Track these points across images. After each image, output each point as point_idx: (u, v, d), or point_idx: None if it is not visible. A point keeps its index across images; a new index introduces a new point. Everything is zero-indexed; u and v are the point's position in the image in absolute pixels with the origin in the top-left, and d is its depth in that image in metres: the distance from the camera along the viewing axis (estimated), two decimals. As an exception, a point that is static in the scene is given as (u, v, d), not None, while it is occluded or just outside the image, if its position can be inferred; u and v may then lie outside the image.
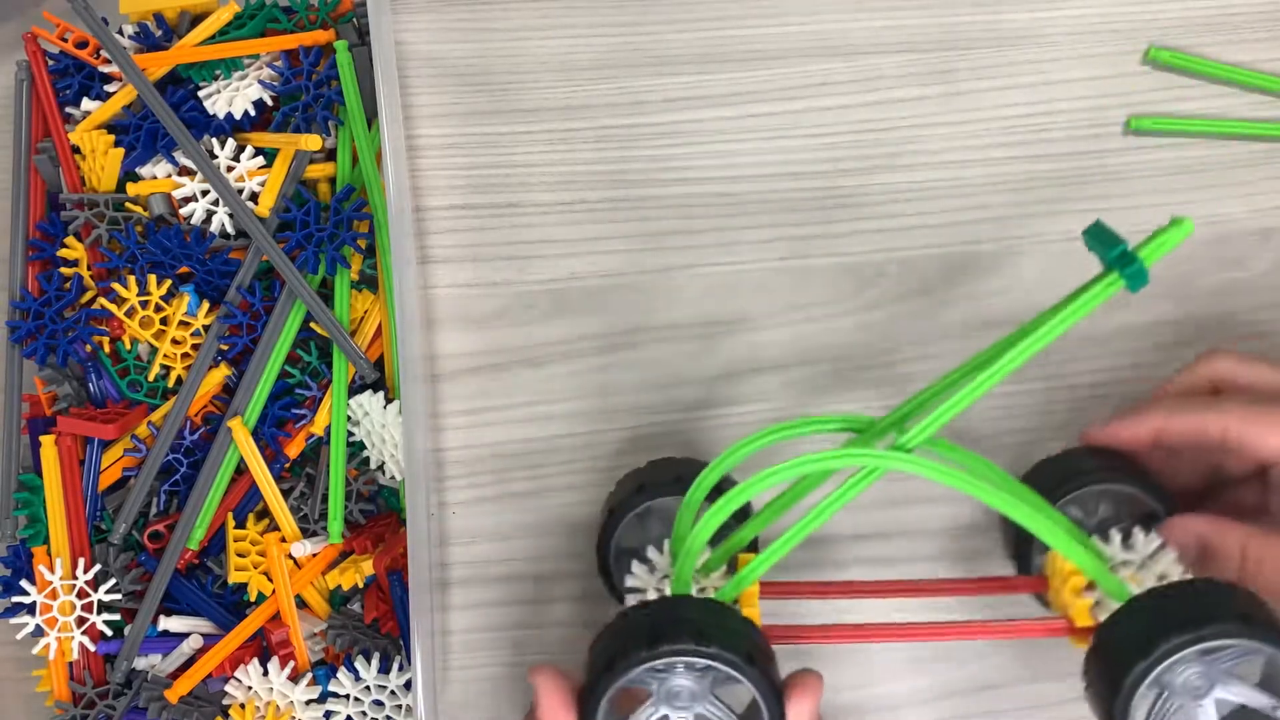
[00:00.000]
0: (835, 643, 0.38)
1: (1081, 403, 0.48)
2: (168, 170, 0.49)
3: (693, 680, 0.34)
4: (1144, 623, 0.33)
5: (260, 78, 0.49)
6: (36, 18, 0.50)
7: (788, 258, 0.50)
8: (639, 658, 0.33)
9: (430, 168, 0.51)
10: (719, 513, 0.36)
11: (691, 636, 0.33)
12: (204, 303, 0.48)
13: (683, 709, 0.35)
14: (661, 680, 0.34)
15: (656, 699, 0.35)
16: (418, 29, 0.52)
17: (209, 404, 0.48)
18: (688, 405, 0.49)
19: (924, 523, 0.48)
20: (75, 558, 0.46)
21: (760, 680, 0.33)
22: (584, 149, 0.51)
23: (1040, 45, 0.51)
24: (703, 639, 0.33)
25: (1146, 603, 0.34)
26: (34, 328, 0.47)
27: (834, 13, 0.52)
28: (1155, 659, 0.32)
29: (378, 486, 0.48)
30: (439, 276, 0.50)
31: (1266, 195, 0.50)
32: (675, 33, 0.52)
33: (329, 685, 0.45)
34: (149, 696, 0.45)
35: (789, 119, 0.51)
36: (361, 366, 0.47)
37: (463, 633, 0.48)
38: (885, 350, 0.49)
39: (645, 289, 0.50)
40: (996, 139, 0.51)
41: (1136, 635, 0.33)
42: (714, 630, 0.34)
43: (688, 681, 0.34)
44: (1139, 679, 0.32)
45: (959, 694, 0.47)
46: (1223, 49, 0.51)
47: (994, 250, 0.50)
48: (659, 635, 0.33)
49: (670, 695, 0.34)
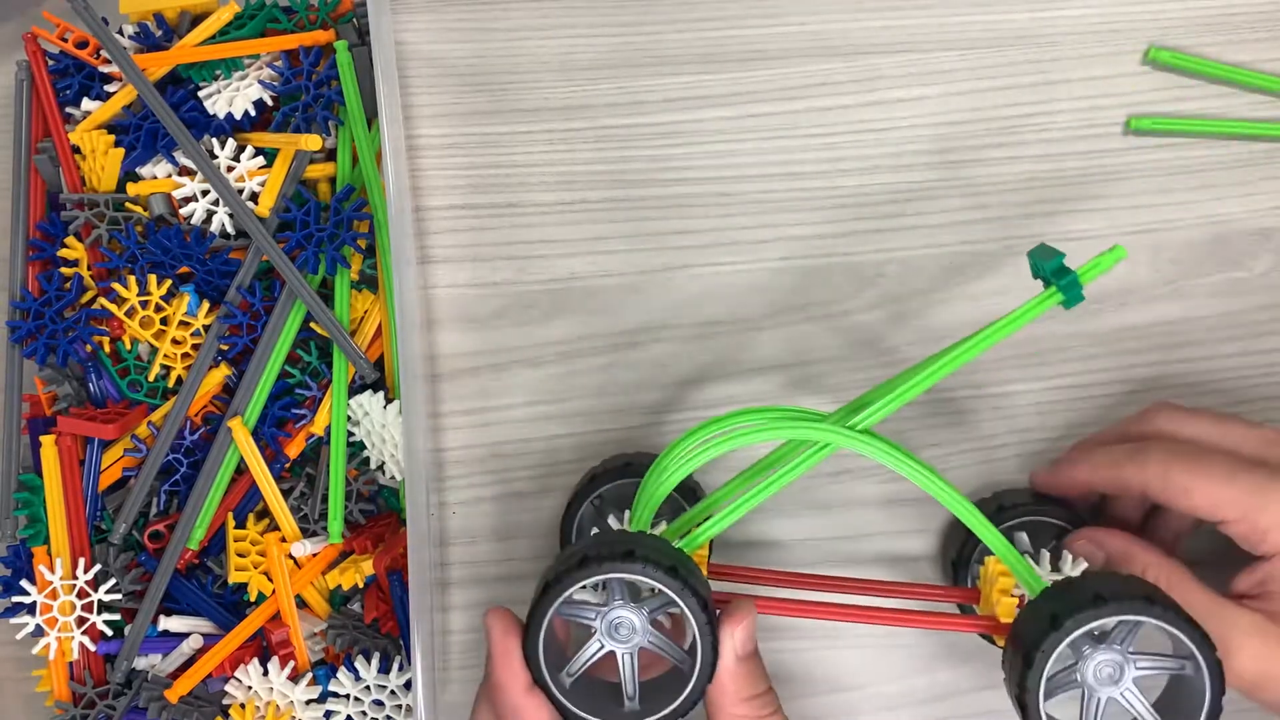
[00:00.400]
0: (777, 613, 0.39)
1: (1082, 402, 0.48)
2: (168, 170, 0.49)
3: (633, 612, 0.36)
4: (1053, 604, 0.36)
5: (260, 78, 0.49)
6: (36, 18, 0.50)
7: (787, 258, 0.50)
8: (570, 579, 0.35)
9: (430, 168, 0.51)
10: (682, 468, 0.38)
11: (619, 556, 0.35)
12: (204, 303, 0.48)
13: (624, 642, 0.36)
14: (602, 614, 0.36)
15: (600, 633, 0.36)
16: (418, 29, 0.52)
17: (209, 404, 0.48)
18: (687, 405, 0.49)
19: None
20: (75, 558, 0.46)
21: (685, 593, 0.35)
22: (584, 149, 0.51)
23: (1040, 45, 0.51)
24: (629, 556, 0.35)
25: (1058, 587, 0.37)
26: (34, 328, 0.47)
27: (834, 13, 0.52)
28: (1063, 631, 0.34)
29: (378, 486, 0.48)
30: (439, 276, 0.50)
31: (1266, 195, 0.50)
32: (675, 33, 0.52)
33: (329, 685, 0.45)
34: (149, 696, 0.45)
35: (789, 119, 0.51)
36: (361, 366, 0.47)
37: (463, 633, 0.48)
38: (885, 350, 0.49)
39: (645, 289, 0.50)
40: (996, 139, 0.51)
41: (1046, 613, 0.35)
42: (641, 549, 0.35)
43: (628, 613, 0.36)
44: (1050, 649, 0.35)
45: (959, 694, 0.47)
46: (1223, 49, 0.51)
47: (994, 250, 0.50)
48: (587, 557, 0.35)
49: (612, 628, 0.36)
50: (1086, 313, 0.49)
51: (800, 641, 0.47)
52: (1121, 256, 0.37)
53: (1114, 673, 0.35)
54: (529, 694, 0.35)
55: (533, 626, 0.35)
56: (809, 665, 0.47)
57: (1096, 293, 0.49)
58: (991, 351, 0.49)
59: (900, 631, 0.47)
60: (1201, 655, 0.34)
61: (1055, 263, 0.37)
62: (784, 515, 0.48)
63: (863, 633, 0.47)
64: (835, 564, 0.48)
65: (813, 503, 0.48)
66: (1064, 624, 0.34)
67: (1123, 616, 0.35)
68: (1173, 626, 0.34)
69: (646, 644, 0.36)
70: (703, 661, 0.35)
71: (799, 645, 0.47)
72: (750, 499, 0.38)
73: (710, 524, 0.38)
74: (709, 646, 0.35)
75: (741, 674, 0.36)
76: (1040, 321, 0.49)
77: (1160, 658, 0.35)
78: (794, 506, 0.48)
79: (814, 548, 0.48)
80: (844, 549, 0.48)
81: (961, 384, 0.49)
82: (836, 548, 0.48)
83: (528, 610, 0.36)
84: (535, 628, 0.35)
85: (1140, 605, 0.34)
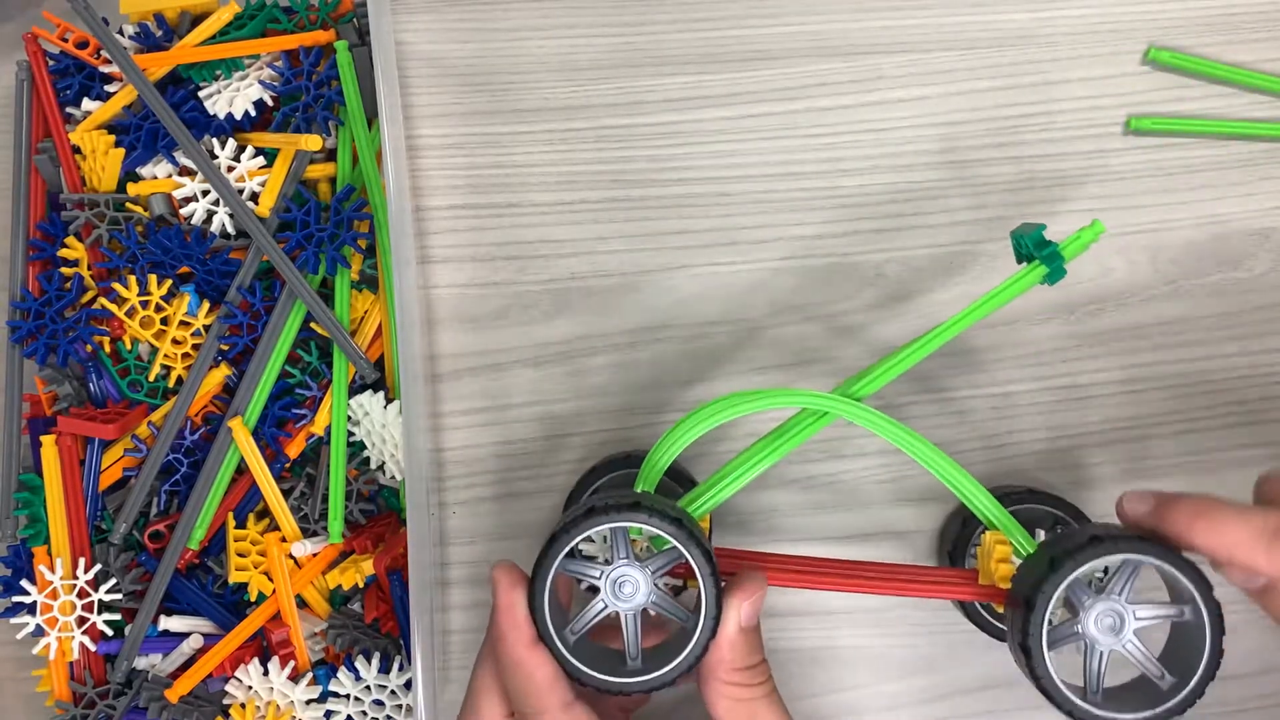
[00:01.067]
0: (778, 584, 0.39)
1: (1082, 403, 0.48)
2: (168, 170, 0.49)
3: (637, 570, 0.36)
4: (1050, 550, 0.36)
5: (260, 78, 0.49)
6: (37, 18, 0.50)
7: (787, 258, 0.50)
8: (577, 528, 0.35)
9: (430, 168, 0.51)
10: (686, 434, 0.38)
11: (626, 507, 0.35)
12: (204, 303, 0.48)
13: (627, 601, 0.36)
14: (606, 572, 0.36)
15: (604, 592, 0.36)
16: (418, 29, 0.52)
17: (209, 404, 0.48)
18: (687, 405, 0.49)
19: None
20: (75, 558, 0.46)
21: (690, 544, 0.35)
22: (584, 149, 0.51)
23: (1040, 45, 0.51)
24: (635, 507, 0.35)
25: (1053, 539, 0.37)
26: (34, 328, 0.47)
27: (834, 13, 0.52)
28: (1062, 573, 0.34)
29: (378, 486, 0.48)
30: (439, 276, 0.50)
31: (1266, 195, 0.50)
32: (675, 33, 0.52)
33: (329, 685, 0.45)
34: (149, 696, 0.46)
35: (789, 119, 0.51)
36: (361, 366, 0.47)
37: (463, 633, 0.48)
38: (885, 350, 0.49)
39: (645, 289, 0.50)
40: (996, 139, 0.51)
41: (1043, 560, 0.35)
42: (647, 500, 0.35)
43: (633, 571, 0.36)
44: (1050, 591, 0.34)
45: (959, 693, 0.47)
46: (1223, 49, 0.51)
47: (994, 250, 0.50)
48: (594, 508, 0.35)
49: (616, 586, 0.36)
50: (1086, 313, 0.49)
51: (799, 640, 0.47)
52: (1101, 231, 0.38)
53: (1114, 623, 0.35)
54: (532, 648, 0.35)
55: (538, 579, 0.35)
56: (808, 666, 0.47)
57: (1096, 293, 0.49)
58: (992, 351, 0.49)
59: (901, 631, 0.47)
60: (1200, 596, 0.34)
61: (1036, 234, 0.37)
62: (782, 511, 0.48)
63: (863, 631, 0.47)
64: (834, 542, 0.48)
65: (813, 502, 0.48)
66: (1063, 564, 0.34)
67: (1119, 555, 0.34)
68: (1169, 565, 0.34)
69: (650, 604, 0.36)
70: (705, 617, 0.35)
71: (798, 645, 0.47)
72: (751, 467, 0.38)
73: (713, 492, 0.38)
74: (712, 601, 0.35)
75: (740, 643, 0.36)
76: (1040, 321, 0.49)
77: (1159, 605, 0.35)
78: (793, 486, 0.48)
79: (811, 543, 0.48)
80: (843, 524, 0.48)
81: (961, 384, 0.49)
82: (835, 523, 0.48)
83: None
84: (541, 580, 0.35)
85: (1135, 544, 0.34)
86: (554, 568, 0.35)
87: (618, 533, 0.36)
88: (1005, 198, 0.50)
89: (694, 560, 0.35)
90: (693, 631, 0.35)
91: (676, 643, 0.36)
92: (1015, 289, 0.38)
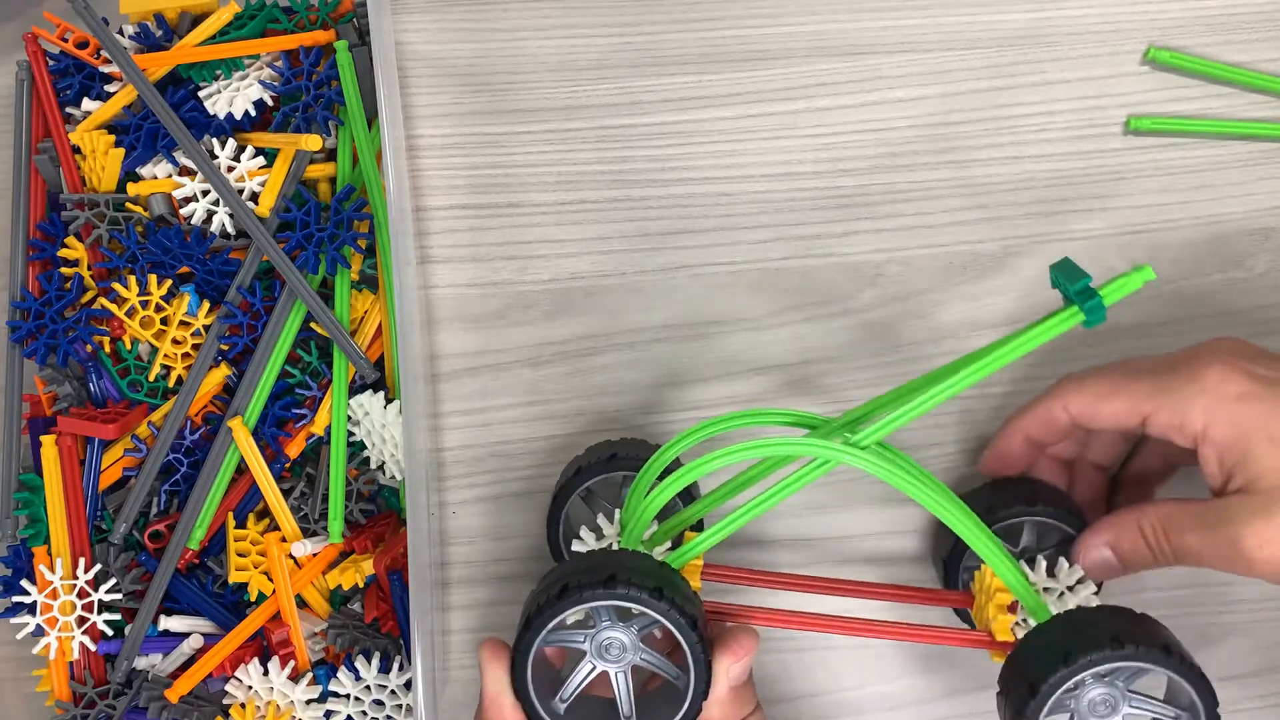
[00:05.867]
0: (763, 624, 0.39)
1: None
2: (168, 170, 0.49)
3: (621, 632, 0.35)
4: (1066, 636, 0.35)
5: (260, 78, 0.49)
6: (37, 18, 0.50)
7: (788, 258, 0.50)
8: (551, 611, 0.34)
9: (430, 168, 0.51)
10: (675, 483, 0.37)
11: (601, 583, 0.34)
12: (204, 303, 0.48)
13: (616, 661, 0.35)
14: (591, 635, 0.35)
15: (590, 655, 0.35)
16: (418, 29, 0.52)
17: (209, 404, 0.48)
18: (687, 405, 0.49)
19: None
20: (76, 557, 0.46)
21: (672, 614, 0.34)
22: (584, 149, 0.51)
23: (1040, 45, 0.51)
24: (611, 582, 0.34)
25: (1069, 619, 0.37)
26: (34, 328, 0.47)
27: (834, 13, 0.52)
28: (1077, 668, 0.34)
29: (378, 486, 0.48)
30: (439, 276, 0.50)
31: (1265, 195, 0.50)
32: (675, 33, 0.52)
33: (329, 685, 0.45)
34: (149, 696, 0.46)
35: (789, 119, 0.51)
36: (361, 366, 0.47)
37: (462, 633, 0.48)
38: (885, 350, 0.49)
39: (645, 289, 0.50)
40: (996, 139, 0.51)
41: (1058, 647, 0.35)
42: (623, 572, 0.34)
43: (617, 633, 0.35)
44: (1058, 684, 0.34)
45: (959, 694, 0.47)
46: (1223, 49, 0.51)
47: (994, 250, 0.50)
48: (568, 586, 0.34)
49: (602, 649, 0.35)
50: (1086, 313, 0.49)
51: (800, 640, 0.47)
52: (1149, 278, 0.35)
53: (1108, 711, 0.35)
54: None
55: (519, 663, 0.35)
56: (809, 665, 0.47)
57: (1096, 293, 0.49)
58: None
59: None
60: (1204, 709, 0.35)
61: (1081, 284, 0.35)
62: (776, 514, 0.48)
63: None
64: (829, 563, 0.48)
65: (808, 502, 0.48)
66: (1078, 661, 0.34)
67: (1141, 664, 0.34)
68: (1185, 681, 0.34)
69: (639, 661, 0.35)
70: (696, 680, 0.35)
71: (799, 645, 0.47)
72: (745, 514, 0.38)
73: (702, 538, 0.38)
74: (702, 667, 0.35)
75: (731, 701, 0.36)
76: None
77: (1157, 704, 0.36)
78: (788, 505, 0.48)
79: (807, 547, 0.48)
80: (838, 548, 0.48)
81: (961, 384, 0.49)
82: (831, 547, 0.48)
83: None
84: (521, 664, 0.35)
85: (1159, 655, 0.34)
86: (534, 648, 0.35)
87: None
88: (1005, 198, 0.50)
89: (679, 631, 0.34)
90: (685, 691, 0.35)
91: (672, 692, 0.36)
92: (1048, 333, 0.36)
